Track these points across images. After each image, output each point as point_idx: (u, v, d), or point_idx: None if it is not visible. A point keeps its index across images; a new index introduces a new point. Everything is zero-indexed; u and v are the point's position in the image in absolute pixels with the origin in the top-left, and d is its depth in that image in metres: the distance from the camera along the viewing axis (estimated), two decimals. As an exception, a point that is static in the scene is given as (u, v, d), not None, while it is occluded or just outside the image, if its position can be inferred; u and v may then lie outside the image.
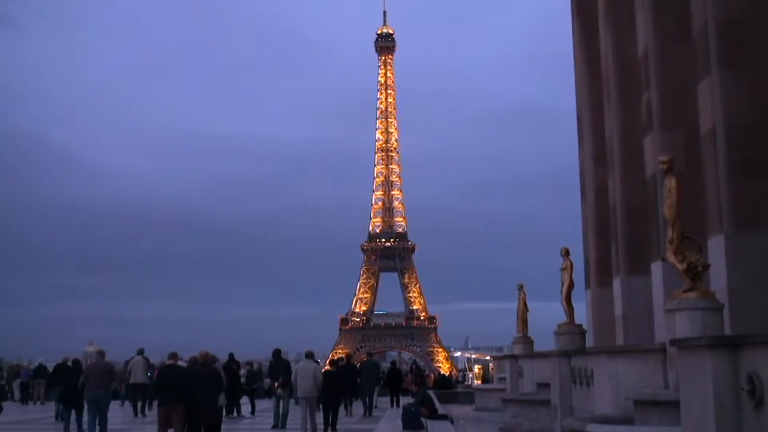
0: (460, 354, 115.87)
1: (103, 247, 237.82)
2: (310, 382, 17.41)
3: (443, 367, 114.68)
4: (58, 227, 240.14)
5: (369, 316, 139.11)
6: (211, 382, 14.23)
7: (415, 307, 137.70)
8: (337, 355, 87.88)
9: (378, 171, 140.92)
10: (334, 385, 18.90)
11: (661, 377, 11.11)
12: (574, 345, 15.39)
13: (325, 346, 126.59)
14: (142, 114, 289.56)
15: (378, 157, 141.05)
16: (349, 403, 24.42)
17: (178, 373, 13.78)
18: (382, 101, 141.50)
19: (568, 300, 15.93)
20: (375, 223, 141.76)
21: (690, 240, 8.70)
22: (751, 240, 9.59)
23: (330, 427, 18.46)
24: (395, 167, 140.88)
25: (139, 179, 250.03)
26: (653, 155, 11.90)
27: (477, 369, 77.15)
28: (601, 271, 17.23)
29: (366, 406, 24.61)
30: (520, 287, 22.72)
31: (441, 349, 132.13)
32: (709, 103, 10.25)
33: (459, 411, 25.29)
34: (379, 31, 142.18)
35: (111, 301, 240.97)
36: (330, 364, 35.11)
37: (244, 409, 24.45)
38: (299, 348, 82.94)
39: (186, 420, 13.36)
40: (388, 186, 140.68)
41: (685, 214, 8.81)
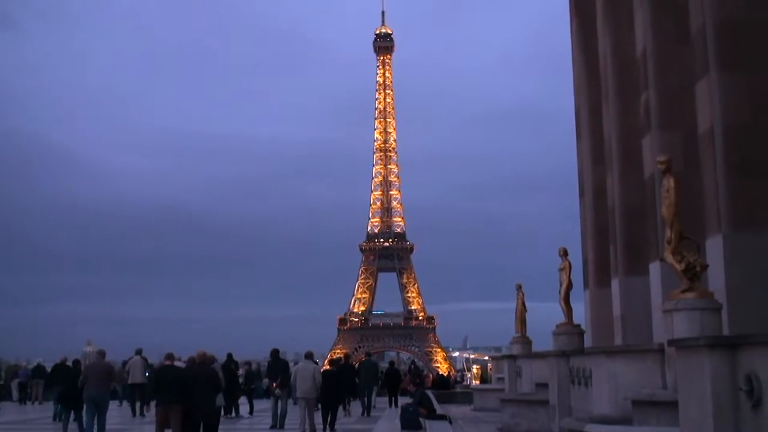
0: (459, 354, 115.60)
1: (103, 247, 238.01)
2: (310, 382, 17.45)
3: (441, 367, 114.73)
4: (58, 227, 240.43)
5: (367, 316, 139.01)
6: (209, 382, 14.25)
7: (413, 307, 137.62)
8: (335, 355, 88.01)
9: (377, 171, 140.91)
10: (333, 385, 18.92)
11: (659, 377, 11.11)
12: (572, 345, 15.41)
13: (323, 346, 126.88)
14: (142, 114, 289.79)
15: (377, 157, 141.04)
16: (348, 403, 24.43)
17: (176, 374, 13.78)
18: (380, 101, 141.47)
19: (567, 300, 15.94)
20: (373, 223, 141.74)
21: (688, 240, 8.69)
22: (750, 240, 9.58)
23: (329, 427, 18.48)
24: (394, 167, 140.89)
25: (139, 179, 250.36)
26: (651, 155, 11.90)
27: (475, 369, 76.90)
28: (599, 272, 17.21)
29: (364, 406, 24.62)
30: (519, 287, 22.69)
31: (439, 349, 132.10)
32: (708, 103, 10.24)
33: (457, 411, 25.30)
34: (377, 31, 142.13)
35: (111, 301, 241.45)
36: (329, 363, 35.11)
37: (243, 409, 24.44)
38: (298, 348, 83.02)
39: (184, 420, 13.36)
40: (387, 186, 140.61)
41: (684, 214, 8.81)
